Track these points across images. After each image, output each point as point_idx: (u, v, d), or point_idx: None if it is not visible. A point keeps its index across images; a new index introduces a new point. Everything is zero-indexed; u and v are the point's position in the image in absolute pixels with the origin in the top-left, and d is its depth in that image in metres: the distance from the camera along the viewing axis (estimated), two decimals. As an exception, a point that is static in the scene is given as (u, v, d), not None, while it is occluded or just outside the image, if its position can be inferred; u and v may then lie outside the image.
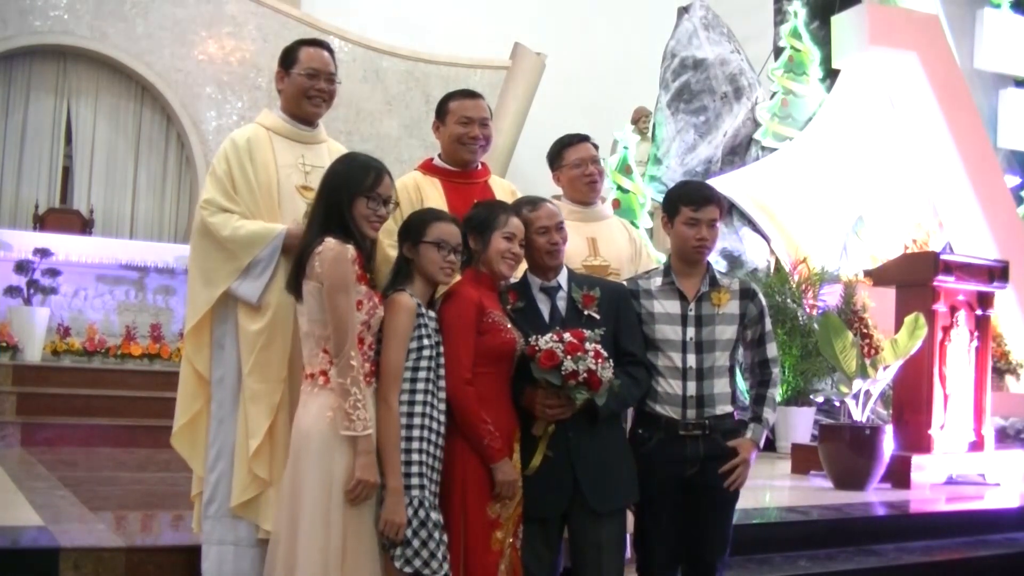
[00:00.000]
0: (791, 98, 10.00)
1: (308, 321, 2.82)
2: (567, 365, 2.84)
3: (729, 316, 3.25)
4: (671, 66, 10.17)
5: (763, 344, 3.33)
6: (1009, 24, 11.52)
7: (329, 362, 2.78)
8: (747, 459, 3.20)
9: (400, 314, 2.82)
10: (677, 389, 3.18)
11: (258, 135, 3.40)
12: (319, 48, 3.48)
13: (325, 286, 2.75)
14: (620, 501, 3.11)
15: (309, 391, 2.82)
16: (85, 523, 4.01)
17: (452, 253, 2.91)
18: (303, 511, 2.72)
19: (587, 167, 3.84)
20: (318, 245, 2.77)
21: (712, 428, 3.19)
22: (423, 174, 3.62)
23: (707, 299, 3.24)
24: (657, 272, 3.35)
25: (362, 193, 2.83)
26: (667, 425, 3.17)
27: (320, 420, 2.76)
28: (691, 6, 10.35)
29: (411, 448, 2.79)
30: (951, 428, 6.54)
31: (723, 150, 9.92)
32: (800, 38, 10.12)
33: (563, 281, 3.16)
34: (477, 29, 13.03)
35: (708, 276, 3.28)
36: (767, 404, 3.30)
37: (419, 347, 2.83)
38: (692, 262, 3.27)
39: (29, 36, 10.73)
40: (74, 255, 9.23)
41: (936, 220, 9.93)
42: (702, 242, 3.23)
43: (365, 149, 11.57)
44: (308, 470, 2.74)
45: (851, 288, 8.25)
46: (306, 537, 2.71)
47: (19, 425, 7.02)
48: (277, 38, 11.40)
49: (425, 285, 2.94)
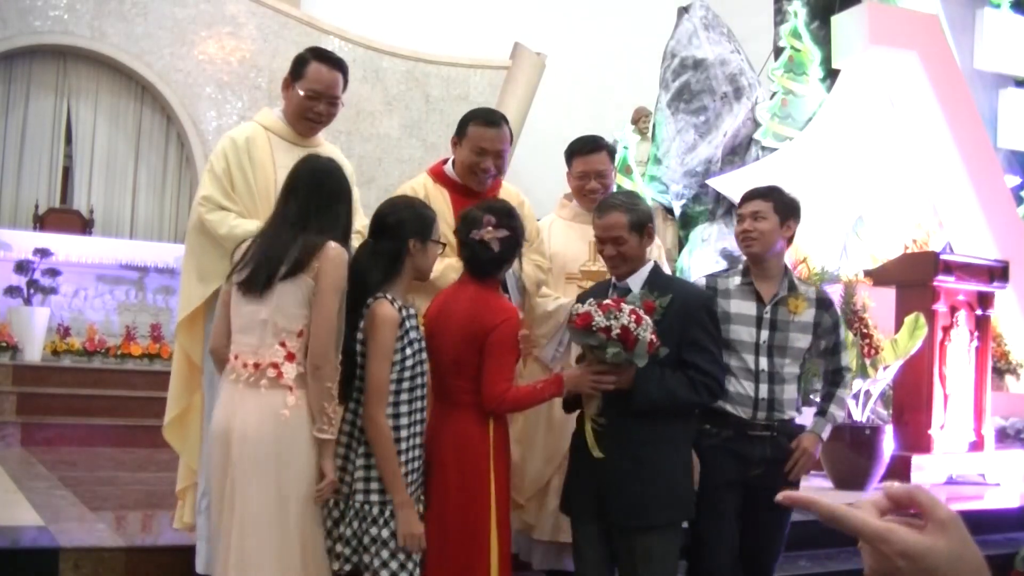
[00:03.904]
0: (791, 98, 9.99)
1: (272, 310, 2.70)
2: (598, 321, 2.77)
3: (804, 324, 3.27)
4: (671, 66, 10.17)
5: (837, 353, 3.38)
6: (1009, 24, 11.51)
7: (287, 357, 2.68)
8: (807, 449, 3.23)
9: (383, 329, 2.74)
10: (749, 391, 3.20)
11: (257, 135, 3.38)
12: (331, 68, 3.37)
13: (321, 284, 2.69)
14: (654, 519, 2.93)
15: (250, 382, 2.69)
16: (85, 523, 4.01)
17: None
18: (255, 514, 2.62)
19: (589, 181, 3.78)
20: (321, 245, 2.72)
21: (779, 431, 3.22)
22: (433, 181, 3.57)
23: (783, 304, 3.26)
24: (736, 271, 3.38)
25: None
26: (736, 424, 3.19)
27: (272, 418, 2.65)
28: (691, 6, 10.35)
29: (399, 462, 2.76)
30: (951, 428, 6.53)
31: (723, 150, 9.92)
32: (800, 38, 10.12)
33: (636, 284, 3.08)
34: (477, 29, 13.02)
35: (787, 280, 3.30)
36: (835, 402, 3.37)
37: (402, 359, 2.76)
38: (760, 262, 3.29)
39: (29, 36, 10.72)
40: (74, 255, 9.22)
41: (936, 220, 9.93)
42: (746, 234, 3.30)
43: (365, 149, 11.70)
44: (261, 471, 2.63)
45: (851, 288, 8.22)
46: (260, 541, 2.61)
47: (19, 425, 7.02)
48: (277, 38, 11.41)
49: (410, 281, 2.91)
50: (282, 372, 2.67)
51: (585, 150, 3.81)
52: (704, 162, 9.89)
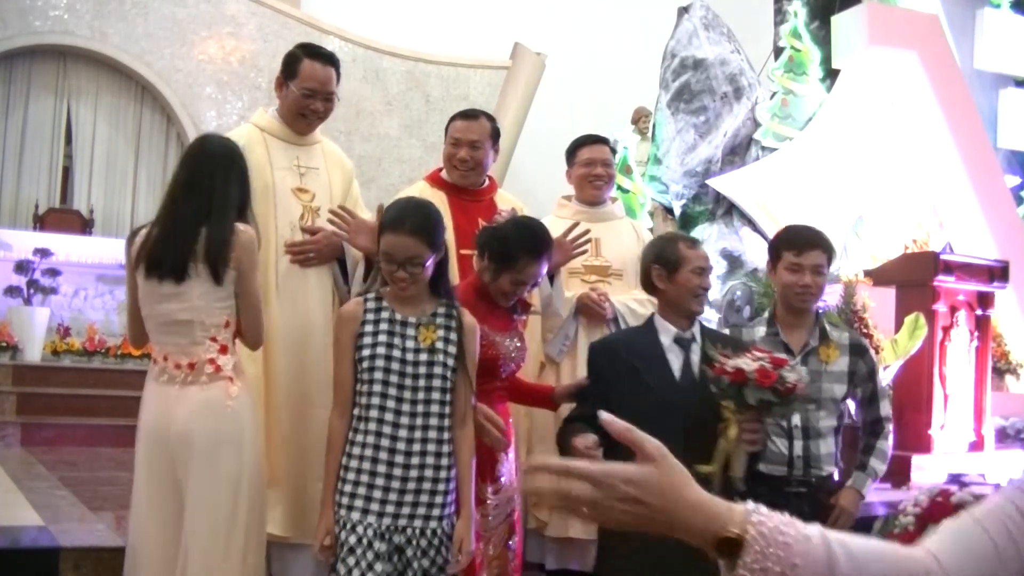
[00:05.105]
0: (791, 98, 9.99)
1: (192, 310, 2.67)
2: (787, 376, 2.52)
3: (838, 374, 3.06)
4: (671, 66, 10.16)
5: (875, 402, 3.18)
6: (1009, 24, 11.51)
7: (221, 350, 2.67)
8: (846, 508, 3.04)
9: (339, 326, 2.72)
10: (783, 448, 3.02)
11: (253, 137, 3.37)
12: (324, 64, 3.36)
13: (243, 269, 2.68)
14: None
15: (187, 382, 2.66)
16: (85, 523, 4.01)
17: (400, 268, 2.63)
18: (203, 512, 2.60)
19: (596, 168, 3.89)
20: (230, 235, 2.68)
21: (817, 488, 3.04)
22: (429, 186, 3.62)
23: (815, 354, 3.04)
24: (760, 321, 3.18)
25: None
26: (770, 483, 2.96)
27: (217, 412, 2.64)
28: (691, 6, 10.34)
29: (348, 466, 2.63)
30: (951, 428, 6.53)
31: (723, 150, 9.91)
32: (800, 38, 10.11)
33: (697, 333, 2.85)
34: (477, 29, 13.02)
35: (818, 329, 3.07)
36: (875, 455, 3.17)
37: (359, 357, 2.65)
38: (797, 311, 3.06)
39: (29, 36, 10.72)
40: (74, 255, 9.22)
41: (936, 220, 9.92)
42: (805, 289, 3.04)
43: (365, 149, 11.69)
44: (214, 465, 2.61)
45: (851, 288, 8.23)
46: (207, 539, 2.59)
47: (19, 425, 7.02)
48: (277, 38, 11.40)
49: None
50: (220, 365, 2.68)
51: (591, 141, 3.93)
52: (704, 162, 9.88)
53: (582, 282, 3.85)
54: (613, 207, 4.06)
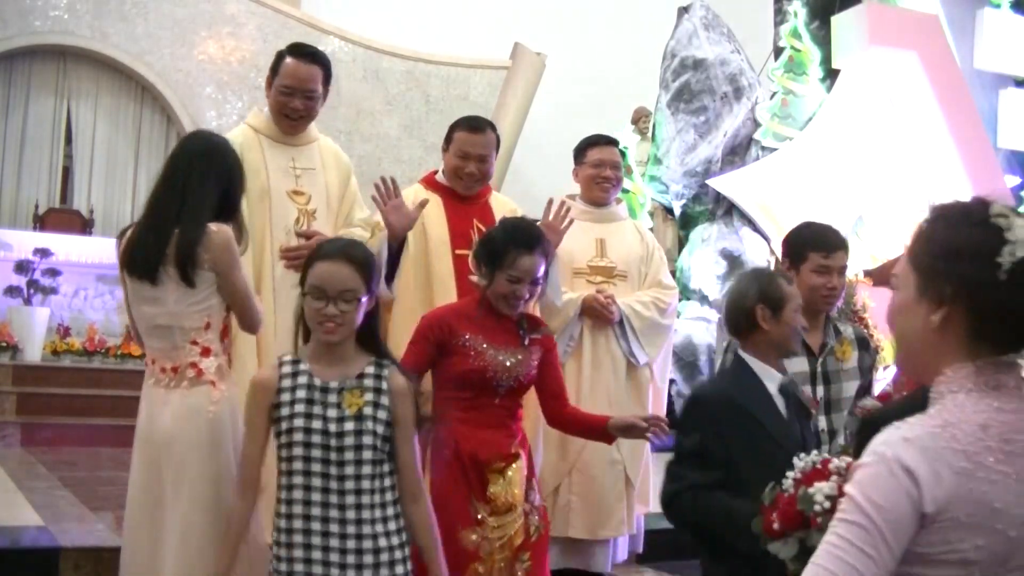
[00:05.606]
0: (791, 98, 9.99)
1: (169, 315, 2.63)
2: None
3: (852, 371, 3.01)
4: (671, 66, 10.16)
5: (869, 394, 3.13)
6: (1009, 24, 11.50)
7: (203, 353, 2.64)
8: None
9: (251, 397, 2.39)
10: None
11: (247, 138, 3.35)
12: (305, 62, 3.34)
13: (220, 269, 2.62)
14: None
15: (171, 386, 2.64)
16: (85, 523, 4.02)
17: (330, 303, 2.28)
18: (179, 517, 2.56)
19: (604, 170, 3.91)
20: (200, 236, 2.61)
21: None
22: (424, 188, 3.61)
23: (831, 353, 2.97)
24: None
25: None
26: None
27: (198, 417, 2.60)
28: (691, 6, 10.34)
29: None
30: (951, 428, 6.52)
31: (723, 150, 9.91)
32: (800, 38, 10.11)
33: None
34: (477, 29, 13.02)
35: (831, 326, 3.00)
36: None
37: (276, 431, 2.34)
38: (815, 313, 2.94)
39: (29, 36, 10.73)
40: (74, 255, 9.23)
41: (936, 220, 9.92)
42: (832, 291, 2.93)
43: (365, 149, 11.69)
44: (195, 470, 2.57)
45: (851, 288, 8.24)
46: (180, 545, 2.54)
47: (19, 425, 7.03)
48: (277, 38, 11.38)
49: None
50: (202, 369, 2.64)
51: (602, 142, 3.95)
52: (704, 162, 9.88)
53: (587, 283, 3.86)
54: (617, 208, 4.07)
